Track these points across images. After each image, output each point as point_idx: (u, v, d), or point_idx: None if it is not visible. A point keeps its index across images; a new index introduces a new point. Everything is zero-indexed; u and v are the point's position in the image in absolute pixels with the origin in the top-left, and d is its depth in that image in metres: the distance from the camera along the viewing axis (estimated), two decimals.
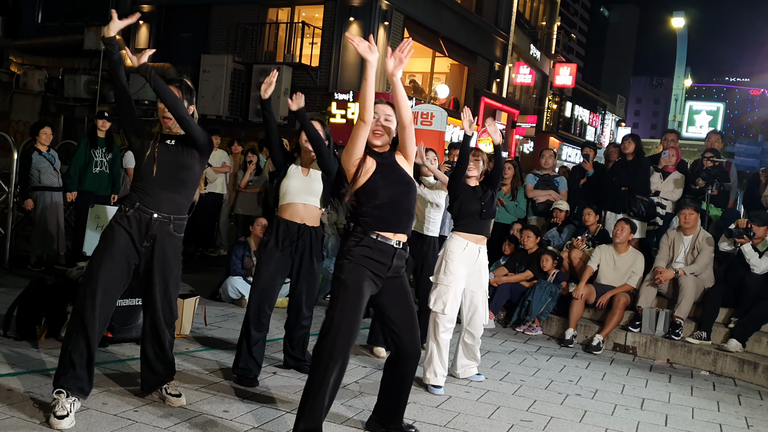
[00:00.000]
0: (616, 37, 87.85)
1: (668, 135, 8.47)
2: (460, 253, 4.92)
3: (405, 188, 3.62)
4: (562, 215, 8.11)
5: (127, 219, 3.79)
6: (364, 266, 3.47)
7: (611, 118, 46.20)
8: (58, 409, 3.56)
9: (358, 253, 3.47)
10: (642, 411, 4.86)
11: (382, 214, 3.51)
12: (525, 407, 4.68)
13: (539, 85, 30.43)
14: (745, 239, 6.55)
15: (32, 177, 7.71)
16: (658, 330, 6.66)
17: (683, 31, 32.99)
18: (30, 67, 20.28)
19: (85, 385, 3.72)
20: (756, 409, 5.23)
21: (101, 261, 3.73)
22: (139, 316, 5.10)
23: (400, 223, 3.57)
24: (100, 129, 7.90)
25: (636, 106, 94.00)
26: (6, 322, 5.04)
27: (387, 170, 3.56)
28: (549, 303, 7.02)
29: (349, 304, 3.44)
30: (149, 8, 19.75)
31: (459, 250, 4.92)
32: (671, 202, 7.93)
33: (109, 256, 3.73)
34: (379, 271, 3.52)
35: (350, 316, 3.44)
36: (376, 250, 3.50)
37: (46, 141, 7.81)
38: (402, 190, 3.60)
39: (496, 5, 23.86)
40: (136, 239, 3.78)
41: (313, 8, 18.14)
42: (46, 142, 7.80)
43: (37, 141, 7.75)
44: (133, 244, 3.78)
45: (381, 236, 3.51)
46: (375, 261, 3.50)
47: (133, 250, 3.79)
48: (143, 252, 3.81)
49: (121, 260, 3.76)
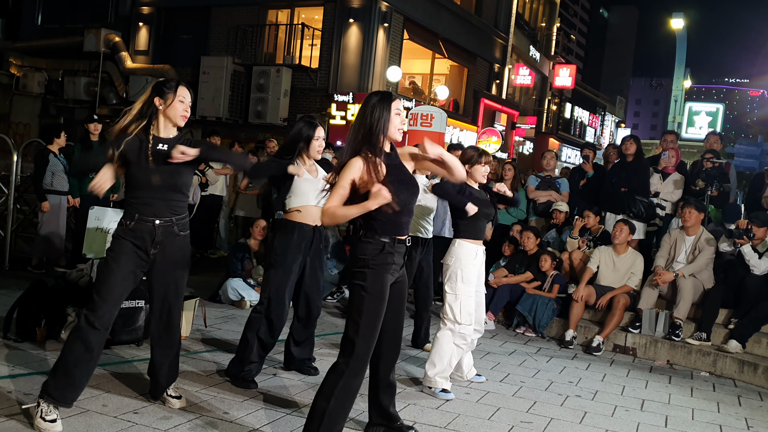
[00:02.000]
0: (615, 38, 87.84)
1: (668, 136, 8.48)
2: (473, 260, 4.92)
3: (414, 190, 3.58)
4: (561, 216, 8.12)
5: (131, 231, 3.74)
6: (387, 273, 3.43)
7: (611, 119, 46.22)
8: (47, 413, 3.51)
9: (382, 260, 3.41)
10: (642, 412, 4.86)
11: (397, 218, 3.44)
12: (525, 408, 4.68)
13: (539, 87, 30.44)
14: (745, 240, 6.55)
15: (44, 180, 7.68)
16: (658, 331, 6.66)
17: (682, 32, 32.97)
18: (30, 68, 20.30)
19: (74, 395, 3.65)
20: (756, 410, 5.23)
21: (108, 272, 3.68)
22: (139, 318, 5.10)
23: (408, 225, 3.56)
24: (93, 133, 7.91)
25: (635, 107, 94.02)
26: (6, 324, 5.04)
27: (397, 172, 3.48)
28: (549, 318, 7.03)
29: (375, 314, 3.39)
30: (149, 10, 19.76)
31: (471, 258, 4.91)
32: (671, 203, 7.93)
33: (116, 266, 3.69)
34: (395, 272, 3.50)
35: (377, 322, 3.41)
36: (395, 253, 3.46)
37: (63, 144, 7.80)
38: (412, 191, 3.56)
39: (496, 6, 23.87)
40: (142, 249, 3.74)
41: (312, 10, 18.15)
42: (62, 144, 7.80)
43: (54, 142, 7.72)
44: (139, 254, 3.74)
45: (396, 239, 3.47)
46: (393, 264, 3.46)
47: (139, 259, 3.75)
48: (152, 258, 3.78)
49: (127, 272, 3.71)
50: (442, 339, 4.85)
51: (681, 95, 35.93)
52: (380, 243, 3.42)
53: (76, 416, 3.71)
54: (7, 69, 20.66)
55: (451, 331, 4.84)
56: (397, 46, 18.12)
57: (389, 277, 3.45)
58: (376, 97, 3.46)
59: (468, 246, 4.92)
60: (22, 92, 20.04)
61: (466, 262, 4.88)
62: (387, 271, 3.42)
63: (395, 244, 3.46)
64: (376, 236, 3.43)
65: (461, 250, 4.91)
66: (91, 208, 6.14)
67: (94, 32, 18.49)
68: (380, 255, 3.41)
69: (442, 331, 4.88)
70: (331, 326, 6.60)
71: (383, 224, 3.43)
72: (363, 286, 3.40)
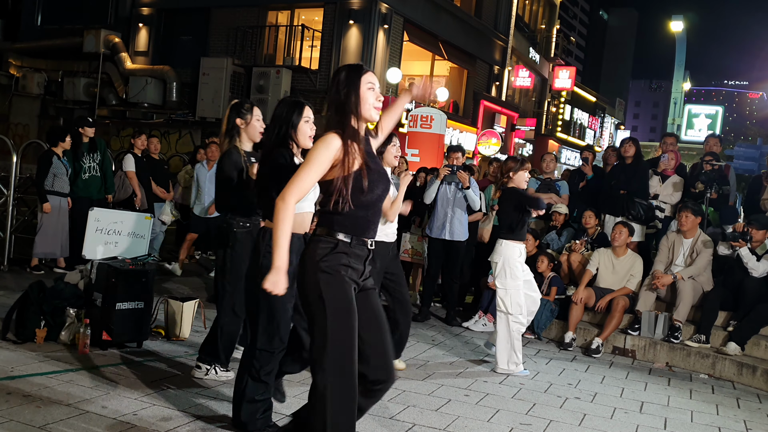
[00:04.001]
0: (615, 41, 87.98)
1: (667, 138, 8.46)
2: (518, 258, 5.57)
3: (387, 185, 3.03)
4: (561, 218, 8.13)
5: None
6: (345, 276, 2.85)
7: (610, 121, 46.24)
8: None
9: (334, 262, 2.82)
10: (641, 414, 4.86)
11: (363, 214, 2.89)
12: (524, 411, 4.68)
13: (538, 89, 30.46)
14: (743, 243, 6.56)
15: (45, 181, 7.68)
16: (657, 333, 6.66)
17: (682, 34, 33.04)
18: (29, 69, 20.30)
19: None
20: (755, 413, 5.23)
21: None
22: (139, 319, 5.10)
23: (375, 226, 2.99)
24: (85, 135, 7.92)
25: (635, 110, 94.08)
26: (5, 325, 5.04)
27: (374, 162, 2.95)
28: (548, 320, 7.03)
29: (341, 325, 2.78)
30: (149, 11, 19.77)
31: (516, 255, 5.56)
32: (670, 206, 7.93)
33: None
34: (355, 279, 2.90)
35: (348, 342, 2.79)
36: (353, 255, 2.87)
37: (68, 147, 7.80)
38: (386, 186, 3.01)
39: (496, 8, 23.89)
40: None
41: (312, 11, 18.16)
42: (67, 147, 7.79)
43: (59, 145, 7.72)
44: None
45: (358, 240, 2.89)
46: (350, 268, 2.87)
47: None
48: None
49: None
50: (502, 329, 5.55)
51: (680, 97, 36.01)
52: (332, 241, 2.84)
53: (75, 417, 3.71)
54: (6, 70, 20.66)
55: (506, 321, 5.52)
56: (397, 48, 18.14)
57: (348, 285, 2.85)
58: (343, 72, 2.95)
59: (512, 245, 5.56)
60: (22, 93, 20.04)
61: (512, 260, 5.53)
62: (346, 275, 2.83)
63: (353, 244, 2.87)
64: (332, 232, 2.86)
65: (507, 249, 5.55)
66: (90, 210, 6.15)
67: (93, 33, 18.49)
68: (331, 255, 2.82)
69: (500, 323, 5.57)
70: None
71: (342, 220, 2.86)
72: (319, 296, 2.79)
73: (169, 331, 5.55)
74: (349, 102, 2.88)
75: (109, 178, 8.12)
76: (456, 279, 7.46)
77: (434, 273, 7.50)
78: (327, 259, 2.81)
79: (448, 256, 7.30)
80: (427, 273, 7.62)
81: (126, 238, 6.38)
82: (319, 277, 2.79)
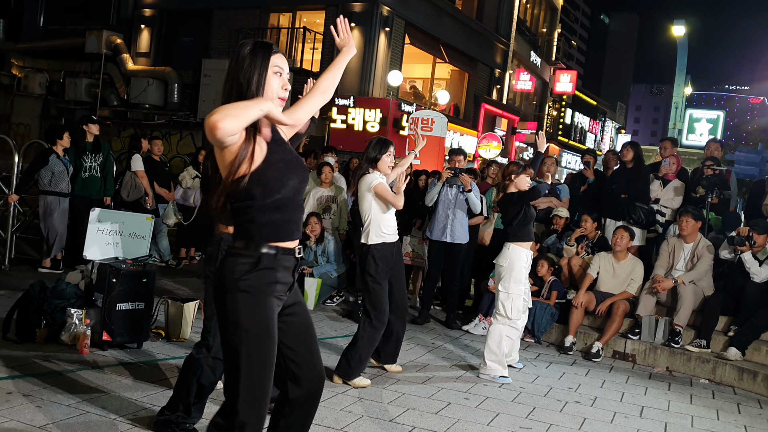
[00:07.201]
0: (616, 45, 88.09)
1: (665, 143, 8.42)
2: (524, 263, 5.48)
3: (304, 176, 2.60)
4: (561, 222, 8.12)
5: None
6: (268, 296, 2.49)
7: (611, 125, 46.28)
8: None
9: (258, 281, 2.46)
10: (641, 419, 4.86)
11: (281, 216, 2.51)
12: (524, 414, 4.67)
13: (539, 92, 30.48)
14: (746, 247, 6.56)
15: (42, 179, 7.65)
16: (657, 338, 6.66)
17: (683, 39, 33.08)
18: (31, 70, 20.33)
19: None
20: (755, 418, 5.23)
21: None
22: (139, 320, 5.10)
23: (298, 226, 2.61)
24: (89, 133, 7.92)
25: (636, 114, 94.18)
26: (6, 325, 5.04)
27: (282, 151, 2.54)
28: (548, 323, 7.03)
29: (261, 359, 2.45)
30: (151, 12, 19.81)
31: (522, 260, 5.47)
32: (671, 210, 7.93)
33: None
34: (282, 294, 2.56)
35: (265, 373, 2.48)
36: (280, 268, 2.51)
37: (67, 145, 7.80)
38: (302, 177, 2.59)
39: (497, 12, 23.91)
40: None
41: (314, 14, 18.19)
42: (66, 145, 7.79)
43: (57, 144, 7.71)
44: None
45: (281, 248, 2.51)
46: (279, 284, 2.52)
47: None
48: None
49: None
50: (495, 332, 5.46)
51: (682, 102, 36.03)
52: (253, 255, 2.47)
53: (75, 418, 3.71)
54: (8, 70, 20.69)
55: (502, 325, 5.45)
56: (398, 51, 18.15)
57: (274, 303, 2.50)
58: (248, 47, 2.50)
59: (519, 249, 5.46)
60: (24, 93, 20.06)
61: (518, 264, 5.44)
62: (268, 294, 2.48)
63: (279, 256, 2.50)
64: (251, 244, 2.48)
65: (513, 253, 5.46)
66: (92, 210, 6.14)
67: (95, 34, 18.54)
68: (254, 273, 2.45)
69: (495, 325, 5.48)
70: (330, 328, 6.60)
71: (261, 227, 2.48)
72: (235, 322, 2.44)
73: (169, 332, 5.55)
74: (252, 83, 2.46)
75: (109, 180, 8.13)
76: (456, 282, 7.46)
77: (434, 276, 7.50)
78: (248, 278, 2.45)
79: (448, 258, 7.30)
80: (427, 276, 7.62)
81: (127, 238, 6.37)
82: (238, 297, 2.44)
